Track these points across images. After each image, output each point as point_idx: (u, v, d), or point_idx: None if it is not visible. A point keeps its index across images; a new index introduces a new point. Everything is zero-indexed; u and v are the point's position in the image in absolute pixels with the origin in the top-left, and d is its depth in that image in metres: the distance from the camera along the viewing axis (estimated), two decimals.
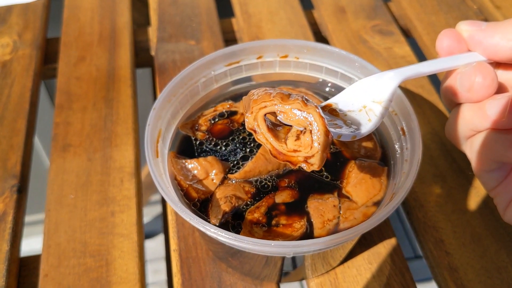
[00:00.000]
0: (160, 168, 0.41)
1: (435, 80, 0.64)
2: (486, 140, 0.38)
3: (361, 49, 0.67)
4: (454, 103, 0.41)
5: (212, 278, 0.46)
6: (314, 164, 0.34)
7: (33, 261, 0.49)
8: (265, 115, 0.35)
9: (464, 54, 0.40)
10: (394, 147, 0.45)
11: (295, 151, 0.35)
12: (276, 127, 0.36)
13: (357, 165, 0.43)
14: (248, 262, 0.43)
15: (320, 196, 0.42)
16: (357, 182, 0.42)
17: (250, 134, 0.46)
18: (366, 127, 0.38)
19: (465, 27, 0.40)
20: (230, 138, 0.46)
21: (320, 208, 0.41)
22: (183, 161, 0.44)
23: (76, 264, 0.47)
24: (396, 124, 0.44)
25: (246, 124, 0.35)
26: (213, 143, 0.46)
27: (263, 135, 0.35)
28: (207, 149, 0.46)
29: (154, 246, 1.41)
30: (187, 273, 0.46)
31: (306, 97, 0.34)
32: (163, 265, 1.22)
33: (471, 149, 0.40)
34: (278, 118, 0.34)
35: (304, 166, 0.35)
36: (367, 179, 0.42)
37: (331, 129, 0.35)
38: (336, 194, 0.42)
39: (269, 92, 0.34)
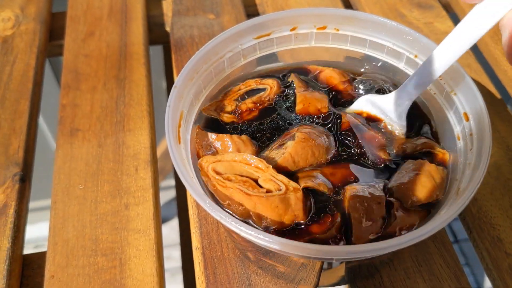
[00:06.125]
0: (183, 156, 0.35)
1: (481, 58, 0.58)
2: None
3: None
4: None
5: (241, 280, 0.41)
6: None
7: (38, 258, 0.45)
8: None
9: None
10: (454, 145, 0.39)
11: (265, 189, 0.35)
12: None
13: (412, 164, 0.38)
14: (282, 263, 0.38)
15: (369, 193, 0.36)
16: (409, 181, 0.36)
17: (287, 120, 0.40)
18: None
19: None
20: (259, 119, 0.41)
21: (366, 205, 0.35)
22: (212, 135, 0.38)
23: (86, 264, 0.41)
24: (458, 109, 0.38)
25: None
26: (240, 124, 0.40)
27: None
28: (235, 131, 0.40)
29: (165, 234, 1.36)
30: (212, 274, 0.41)
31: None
32: (174, 252, 1.19)
33: None
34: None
35: None
36: (420, 179, 0.36)
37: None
38: (385, 192, 0.36)
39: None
